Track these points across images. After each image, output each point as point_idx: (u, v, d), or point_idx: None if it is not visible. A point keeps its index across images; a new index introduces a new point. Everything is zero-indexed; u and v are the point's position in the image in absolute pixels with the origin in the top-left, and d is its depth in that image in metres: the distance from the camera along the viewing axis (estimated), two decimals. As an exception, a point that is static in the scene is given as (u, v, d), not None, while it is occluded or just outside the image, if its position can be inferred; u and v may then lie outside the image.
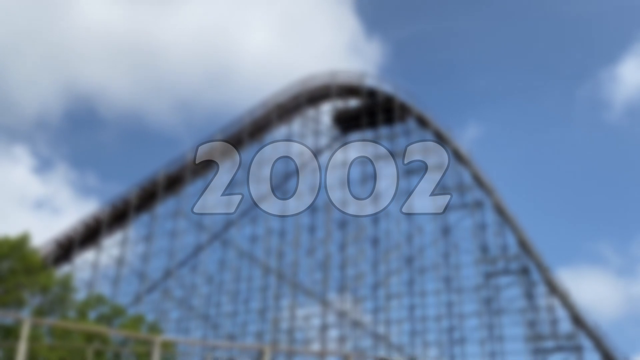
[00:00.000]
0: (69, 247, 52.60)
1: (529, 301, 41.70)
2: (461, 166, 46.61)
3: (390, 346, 43.06)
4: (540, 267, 42.05)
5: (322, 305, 45.44)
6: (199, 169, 52.93)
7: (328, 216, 47.69)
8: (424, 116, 48.27)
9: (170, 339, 39.47)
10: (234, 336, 48.57)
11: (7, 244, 29.77)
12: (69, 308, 31.98)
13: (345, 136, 51.95)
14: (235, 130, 52.90)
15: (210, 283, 50.78)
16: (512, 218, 43.81)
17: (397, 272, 45.11)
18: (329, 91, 52.05)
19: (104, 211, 53.10)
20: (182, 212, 51.66)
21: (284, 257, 49.24)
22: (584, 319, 40.44)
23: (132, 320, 33.71)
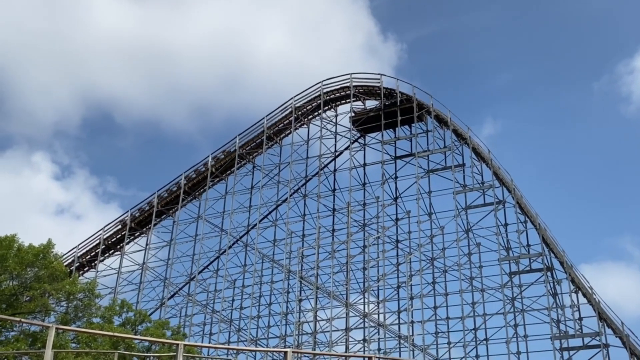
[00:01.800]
0: (92, 253, 53.19)
1: (554, 299, 41.32)
2: (481, 164, 46.33)
3: (414, 347, 42.90)
4: (564, 265, 41.65)
5: (345, 307, 45.42)
6: (219, 174, 53.28)
7: (349, 217, 47.66)
8: (443, 115, 48.10)
9: (195, 344, 39.74)
10: (258, 339, 48.74)
11: (32, 251, 30.15)
12: (93, 314, 32.32)
13: (364, 137, 51.93)
14: (254, 134, 53.19)
15: (233, 287, 51.05)
16: (534, 216, 43.46)
17: (419, 273, 44.94)
18: (347, 93, 52.10)
19: (126, 217, 53.64)
20: (203, 216, 52.01)
21: (305, 259, 49.35)
22: (610, 316, 39.98)
23: (157, 325, 34.00)
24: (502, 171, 45.37)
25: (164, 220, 54.41)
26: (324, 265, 47.79)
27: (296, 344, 44.85)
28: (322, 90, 52.36)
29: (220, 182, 53.86)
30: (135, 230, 53.68)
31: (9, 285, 30.01)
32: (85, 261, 53.07)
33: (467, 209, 44.87)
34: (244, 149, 52.82)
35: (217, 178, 53.44)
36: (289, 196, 50.10)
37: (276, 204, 51.45)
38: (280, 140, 53.47)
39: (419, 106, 48.83)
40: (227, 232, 50.97)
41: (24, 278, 30.09)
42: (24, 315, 28.64)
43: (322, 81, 52.71)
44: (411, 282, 45.00)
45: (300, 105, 52.58)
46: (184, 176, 53.36)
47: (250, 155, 53.36)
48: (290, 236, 49.13)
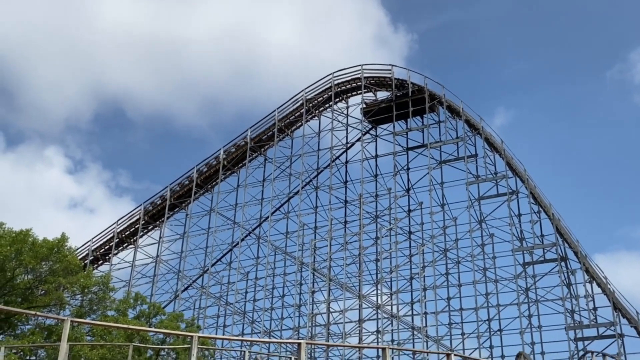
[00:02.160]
0: (106, 247, 53.51)
1: (568, 289, 41.12)
2: (494, 155, 46.09)
3: (428, 338, 42.87)
4: (578, 255, 41.42)
5: (358, 298, 45.44)
6: (231, 167, 53.37)
7: (361, 209, 47.61)
8: (455, 106, 47.84)
9: (209, 335, 39.95)
10: (272, 331, 48.90)
11: (46, 245, 30.37)
12: (108, 307, 32.54)
13: (375, 129, 51.80)
14: (265, 127, 53.20)
15: (246, 279, 51.23)
16: (548, 206, 43.21)
17: (432, 264, 44.84)
18: (358, 84, 51.95)
19: (139, 211, 53.90)
20: (215, 209, 52.16)
21: (318, 251, 49.40)
22: (625, 306, 39.75)
23: (171, 318, 34.18)
24: (515, 161, 45.12)
25: (177, 213, 54.63)
26: (336, 257, 47.85)
27: (310, 336, 44.95)
28: (333, 82, 52.23)
29: (232, 175, 53.97)
30: (149, 223, 53.94)
31: (24, 279, 30.28)
32: (100, 255, 53.40)
33: (480, 200, 44.68)
34: (255, 142, 52.85)
35: (228, 171, 53.53)
36: (300, 188, 50.12)
37: (288, 197, 51.50)
38: (291, 132, 53.44)
39: (431, 97, 48.60)
40: (240, 224, 51.09)
41: (38, 272, 30.34)
42: (39, 309, 28.89)
43: (332, 73, 52.61)
44: (424, 273, 44.94)
45: (311, 97, 52.50)
46: (196, 169, 53.49)
47: (261, 148, 53.38)
48: (302, 228, 49.18)
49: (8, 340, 28.25)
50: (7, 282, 29.40)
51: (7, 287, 29.51)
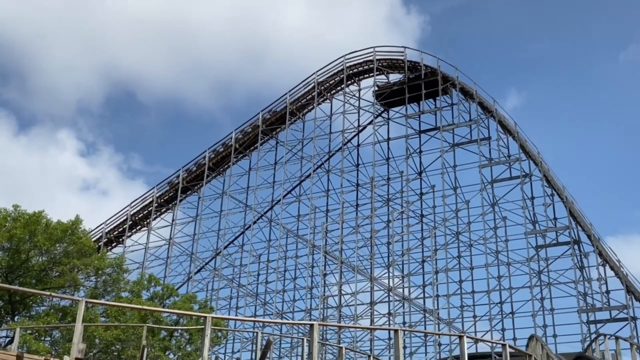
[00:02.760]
0: (119, 229, 53.89)
1: (581, 272, 40.99)
2: (507, 137, 45.81)
3: (440, 320, 42.95)
4: (591, 238, 41.23)
5: (370, 281, 45.54)
6: (243, 150, 53.42)
7: (372, 192, 47.57)
8: (468, 88, 47.51)
9: (222, 316, 40.21)
10: (284, 313, 49.18)
11: (60, 227, 30.61)
12: (122, 289, 32.83)
13: (387, 112, 51.59)
14: (277, 109, 53.13)
15: (258, 261, 51.46)
16: (561, 189, 42.97)
17: (444, 247, 44.82)
18: (370, 67, 51.67)
19: (152, 193, 54.17)
20: (227, 192, 52.32)
21: (329, 234, 49.47)
22: (638, 289, 39.58)
23: (184, 299, 34.44)
24: (529, 144, 44.84)
25: (190, 196, 54.87)
26: (348, 240, 47.93)
27: (321, 318, 45.16)
28: (345, 65, 51.99)
29: (244, 158, 54.04)
30: (162, 206, 54.23)
31: (39, 261, 30.56)
32: (113, 237, 53.80)
33: (493, 183, 44.49)
34: (266, 125, 52.81)
35: (240, 154, 53.59)
36: (312, 171, 50.12)
37: (300, 180, 51.54)
38: (303, 115, 53.34)
39: (444, 79, 48.28)
40: (252, 207, 51.24)
41: (53, 254, 30.61)
42: (54, 290, 29.17)
43: (344, 55, 52.36)
44: (436, 256, 44.91)
45: (322, 80, 52.30)
46: (208, 152, 53.60)
47: (273, 131, 53.35)
48: (314, 211, 49.25)
49: (23, 321, 28.61)
50: (22, 263, 29.69)
51: (22, 268, 29.81)
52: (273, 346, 42.22)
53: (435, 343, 42.58)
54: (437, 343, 42.43)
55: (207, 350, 13.37)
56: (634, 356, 24.44)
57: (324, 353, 43.91)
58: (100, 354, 26.83)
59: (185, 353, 29.77)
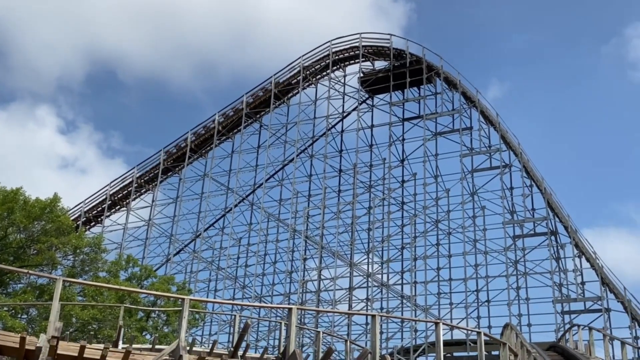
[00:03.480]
0: (98, 209, 53.55)
1: (557, 263, 41.51)
2: (489, 128, 46.07)
3: (417, 307, 43.34)
4: (568, 229, 41.72)
5: (349, 266, 45.78)
6: (226, 132, 53.21)
7: (355, 179, 47.69)
8: (452, 78, 47.66)
9: (200, 299, 40.23)
10: (263, 296, 49.31)
11: (39, 205, 30.37)
12: (100, 269, 32.70)
13: (372, 98, 51.61)
14: (261, 93, 52.93)
15: (239, 245, 51.44)
16: (540, 180, 43.37)
17: (424, 234, 45.13)
18: (356, 53, 51.59)
19: (132, 173, 53.84)
20: (209, 174, 52.16)
21: (311, 219, 49.58)
22: (612, 281, 40.18)
23: (162, 281, 34.42)
24: (510, 135, 45.15)
25: (170, 177, 54.62)
26: (329, 226, 48.08)
27: (300, 302, 45.36)
28: (331, 50, 51.87)
29: (226, 140, 53.85)
30: (142, 186, 53.94)
31: (17, 238, 30.33)
32: (92, 216, 53.48)
33: (474, 172, 44.82)
34: (250, 108, 52.62)
35: (223, 136, 53.39)
36: (295, 156, 50.11)
37: (283, 164, 51.51)
38: (287, 99, 53.22)
39: (429, 68, 48.38)
40: (233, 190, 51.16)
41: (31, 231, 30.38)
42: (32, 268, 28.98)
43: (330, 40, 52.23)
44: (415, 243, 45.24)
45: (308, 65, 52.17)
46: (191, 133, 53.32)
47: (257, 114, 53.18)
48: (296, 196, 49.32)
49: (0, 298, 28.42)
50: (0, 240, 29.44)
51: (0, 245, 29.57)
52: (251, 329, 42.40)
53: (411, 329, 42.99)
54: (414, 329, 42.84)
55: (184, 332, 13.39)
56: (607, 347, 24.86)
57: (302, 337, 44.15)
58: (76, 333, 26.75)
59: (162, 334, 29.78)
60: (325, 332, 30.72)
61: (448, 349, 39.24)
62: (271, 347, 45.45)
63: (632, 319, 38.43)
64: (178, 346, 12.98)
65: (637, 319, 38.35)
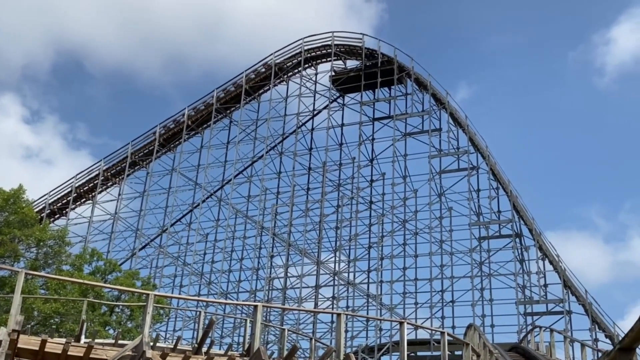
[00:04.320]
0: (63, 201, 52.76)
1: (521, 265, 42.12)
2: (457, 130, 46.53)
3: (382, 306, 43.59)
4: (533, 232, 42.35)
5: (316, 264, 45.84)
6: (195, 127, 52.84)
7: (324, 177, 47.77)
8: (422, 79, 48.03)
9: (165, 294, 39.92)
10: (228, 293, 49.09)
11: (2, 196, 29.81)
12: (63, 262, 32.24)
13: (343, 97, 51.72)
14: (232, 88, 52.67)
15: (205, 240, 51.11)
16: (506, 183, 43.96)
17: (391, 234, 45.42)
18: (328, 51, 51.65)
19: (99, 166, 53.15)
20: (177, 169, 51.74)
21: (279, 216, 49.51)
22: (574, 284, 40.91)
23: (127, 275, 34.05)
24: (478, 137, 45.66)
25: (138, 171, 54.06)
26: (297, 223, 48.08)
27: (266, 299, 45.29)
28: (303, 48, 51.85)
29: (195, 135, 53.50)
30: (108, 180, 53.28)
31: (-22, 229, 29.71)
32: (57, 208, 52.67)
33: (441, 174, 45.23)
34: (221, 103, 52.33)
35: (192, 131, 53.02)
36: (265, 153, 50.00)
37: (252, 160, 51.32)
38: (258, 96, 53.05)
39: (400, 68, 48.67)
40: (202, 186, 50.84)
41: (-7, 222, 29.81)
42: (-7, 260, 28.43)
43: (303, 38, 52.26)
44: (382, 242, 45.50)
45: (280, 62, 52.07)
46: (159, 127, 52.83)
47: (227, 110, 52.92)
48: (264, 193, 49.20)
49: (-41, 290, 27.83)
50: (-40, 231, 28.84)
51: (-40, 236, 28.96)
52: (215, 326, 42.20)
53: (376, 328, 43.23)
54: (378, 328, 43.08)
55: (148, 328, 13.28)
56: (567, 349, 25.32)
57: (267, 334, 44.10)
58: (38, 326, 26.34)
59: (125, 329, 29.47)
60: (291, 329, 30.72)
61: (412, 348, 39.51)
62: (236, 343, 45.30)
63: (592, 322, 39.18)
64: (141, 342, 12.85)
65: (597, 322, 39.12)
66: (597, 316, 39.30)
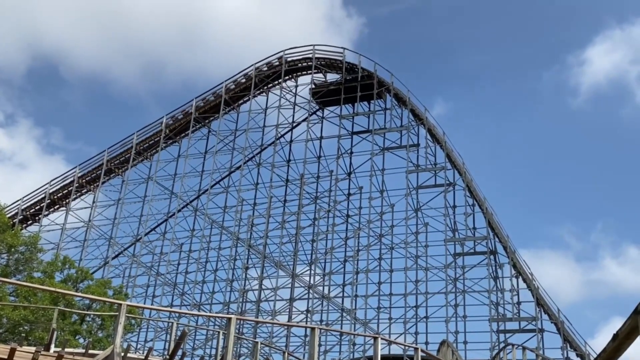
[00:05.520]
0: (37, 207, 52.02)
1: (495, 282, 42.36)
2: (435, 146, 46.83)
3: (356, 320, 43.51)
4: (507, 250, 42.66)
5: (291, 277, 45.65)
6: (173, 135, 52.54)
7: (301, 189, 47.72)
8: (402, 95, 48.35)
9: (137, 305, 39.41)
10: (201, 304, 48.66)
11: (-27, 201, 29.29)
12: (35, 269, 31.74)
13: (322, 110, 51.83)
14: (211, 98, 52.52)
15: (180, 250, 50.68)
16: (482, 200, 44.29)
17: (367, 248, 45.44)
18: (309, 64, 51.78)
19: (74, 172, 52.55)
20: (153, 177, 51.34)
21: (255, 227, 49.29)
22: (547, 302, 41.23)
23: (99, 284, 33.60)
24: (455, 154, 46.00)
25: (113, 178, 53.54)
26: (273, 235, 47.92)
27: (240, 311, 44.96)
28: (284, 60, 51.91)
29: (173, 144, 53.18)
30: (83, 187, 52.68)
31: (-53, 234, 29.15)
32: (29, 214, 51.91)
33: (418, 189, 45.42)
34: (200, 113, 52.13)
35: (170, 140, 52.71)
36: (243, 163, 49.83)
37: (229, 171, 51.12)
38: (238, 106, 52.94)
39: (379, 83, 48.93)
40: (177, 195, 50.47)
41: (-37, 227, 29.27)
42: (-39, 265, 27.89)
43: (284, 50, 52.33)
44: (358, 256, 45.49)
45: (260, 73, 52.06)
46: (137, 134, 52.43)
47: (206, 119, 52.72)
48: (241, 203, 48.97)
49: None
50: None
51: None
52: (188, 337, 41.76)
53: (350, 342, 43.12)
54: (352, 343, 42.97)
55: (120, 338, 13.07)
56: (538, 366, 25.42)
57: (240, 347, 43.74)
58: (6, 334, 25.84)
59: (96, 339, 29.03)
60: (264, 342, 30.52)
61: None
62: (208, 356, 44.88)
63: (564, 341, 39.48)
64: (112, 352, 12.65)
65: (569, 341, 39.43)
66: (569, 335, 39.62)
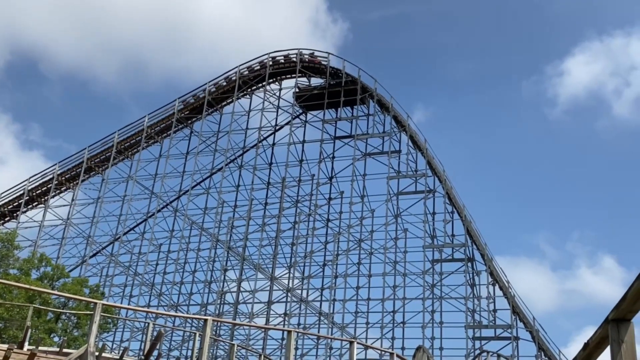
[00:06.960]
0: (15, 204, 51.54)
1: (472, 289, 42.67)
2: (416, 152, 47.12)
3: (334, 324, 43.60)
4: (485, 257, 43.02)
5: (270, 280, 45.64)
6: (155, 135, 52.34)
7: (283, 192, 47.76)
8: (384, 101, 48.62)
9: (113, 304, 39.16)
10: (179, 305, 48.46)
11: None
12: (11, 266, 31.46)
13: (305, 114, 51.94)
14: (194, 99, 52.41)
15: (158, 251, 50.46)
16: (461, 207, 44.63)
17: (346, 253, 45.57)
18: (293, 68, 51.85)
19: (53, 170, 52.14)
20: (134, 177, 51.09)
21: (235, 229, 49.21)
22: (523, 310, 41.62)
23: (75, 282, 33.38)
24: (436, 161, 46.33)
25: (93, 177, 53.18)
26: (252, 238, 47.87)
27: (217, 313, 44.85)
28: (268, 62, 51.95)
29: (155, 144, 52.97)
30: (62, 184, 52.28)
31: None
32: (7, 211, 51.42)
33: (399, 195, 45.67)
34: (182, 113, 51.99)
35: (151, 139, 52.48)
36: (224, 165, 49.76)
37: (211, 172, 51.01)
38: (221, 108, 52.88)
39: (363, 89, 49.16)
40: (158, 195, 50.27)
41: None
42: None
43: (269, 53, 52.36)
44: (337, 261, 45.61)
45: (244, 75, 52.05)
46: (118, 133, 52.16)
47: (188, 120, 52.58)
48: (221, 205, 48.90)
49: None
50: None
51: None
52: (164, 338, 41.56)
53: (326, 347, 43.18)
54: (329, 347, 43.04)
55: (95, 337, 13.04)
56: (512, 373, 25.69)
57: (215, 349, 43.62)
58: (-21, 331, 25.59)
59: (71, 337, 28.83)
60: (240, 345, 30.51)
61: (361, 368, 39.55)
62: (184, 357, 44.71)
63: (538, 349, 39.87)
64: (86, 351, 12.62)
65: (543, 349, 39.82)
66: (544, 343, 40.01)
